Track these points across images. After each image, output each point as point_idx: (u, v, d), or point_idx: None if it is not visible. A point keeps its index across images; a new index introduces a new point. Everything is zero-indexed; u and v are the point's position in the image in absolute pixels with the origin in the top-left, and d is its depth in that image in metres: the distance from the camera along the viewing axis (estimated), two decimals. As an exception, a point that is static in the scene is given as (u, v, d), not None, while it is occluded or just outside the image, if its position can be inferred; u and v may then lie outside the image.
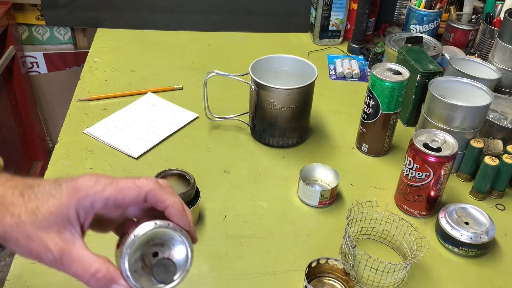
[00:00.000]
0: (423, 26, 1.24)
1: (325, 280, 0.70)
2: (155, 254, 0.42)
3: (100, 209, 0.41)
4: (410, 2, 1.26)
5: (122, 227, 0.44)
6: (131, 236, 0.41)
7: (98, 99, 1.07)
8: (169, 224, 0.42)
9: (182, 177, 0.76)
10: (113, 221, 0.45)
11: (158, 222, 0.42)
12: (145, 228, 0.41)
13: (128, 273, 0.40)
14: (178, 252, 0.43)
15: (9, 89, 1.55)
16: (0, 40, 1.46)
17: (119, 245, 0.42)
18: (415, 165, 0.76)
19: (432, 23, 1.23)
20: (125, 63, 1.22)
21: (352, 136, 0.99)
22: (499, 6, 1.21)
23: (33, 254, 0.39)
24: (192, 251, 0.43)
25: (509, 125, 0.96)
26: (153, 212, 0.43)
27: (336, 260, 0.69)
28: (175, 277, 0.42)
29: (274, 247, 0.75)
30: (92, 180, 0.41)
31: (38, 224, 0.39)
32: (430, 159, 0.75)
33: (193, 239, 0.44)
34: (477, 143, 0.85)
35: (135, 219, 0.45)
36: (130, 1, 1.38)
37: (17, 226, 0.39)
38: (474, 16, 1.26)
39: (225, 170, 0.90)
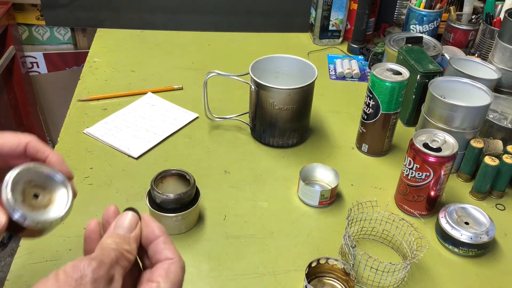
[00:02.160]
0: (423, 26, 1.24)
1: (325, 280, 0.70)
2: (36, 196, 0.44)
3: None
4: (410, 2, 1.26)
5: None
6: (15, 168, 0.42)
7: (98, 99, 1.07)
8: (52, 170, 0.45)
9: (182, 177, 0.77)
10: None
11: (42, 164, 0.45)
12: (28, 164, 0.43)
13: (9, 196, 0.40)
14: (59, 197, 0.45)
15: (9, 89, 1.55)
16: (0, 40, 1.46)
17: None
18: (415, 165, 0.76)
19: (432, 23, 1.23)
20: (125, 63, 1.22)
21: (352, 136, 0.99)
22: (499, 6, 1.22)
23: None
24: (72, 197, 0.45)
25: (509, 125, 0.96)
26: None
27: (336, 260, 0.69)
28: (51, 217, 0.43)
29: (274, 247, 0.75)
30: None
31: None
32: (430, 159, 0.75)
33: (72, 190, 0.46)
34: (477, 143, 0.85)
35: None
36: (130, 1, 1.38)
37: None
38: (474, 16, 1.26)
39: (225, 170, 0.90)
